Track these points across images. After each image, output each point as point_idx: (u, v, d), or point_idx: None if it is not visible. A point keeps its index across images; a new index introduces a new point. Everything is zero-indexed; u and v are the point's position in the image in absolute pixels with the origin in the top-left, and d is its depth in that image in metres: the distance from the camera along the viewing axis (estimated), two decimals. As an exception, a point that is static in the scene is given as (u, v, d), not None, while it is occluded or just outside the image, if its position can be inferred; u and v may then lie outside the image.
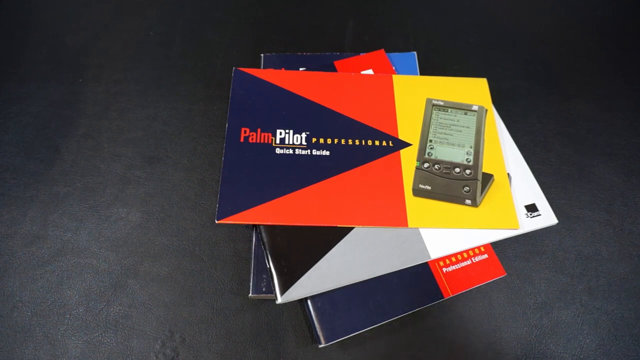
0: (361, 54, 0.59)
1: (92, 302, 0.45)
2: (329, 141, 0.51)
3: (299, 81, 0.55)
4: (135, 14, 0.65)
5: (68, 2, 0.65)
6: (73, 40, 0.62)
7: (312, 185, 0.48)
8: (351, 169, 0.49)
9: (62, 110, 0.56)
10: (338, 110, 0.53)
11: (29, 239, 0.48)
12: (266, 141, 0.50)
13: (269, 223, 0.45)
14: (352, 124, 0.52)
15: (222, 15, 0.65)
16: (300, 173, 0.48)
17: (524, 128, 0.55)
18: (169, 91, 0.58)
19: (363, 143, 0.51)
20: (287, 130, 0.51)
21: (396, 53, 0.60)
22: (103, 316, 0.44)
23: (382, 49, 0.59)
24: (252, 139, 0.50)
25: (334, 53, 0.59)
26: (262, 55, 0.59)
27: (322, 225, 0.46)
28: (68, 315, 0.44)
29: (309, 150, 0.50)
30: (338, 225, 0.46)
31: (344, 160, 0.50)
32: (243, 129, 0.51)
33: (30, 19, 0.63)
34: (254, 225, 0.47)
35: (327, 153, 0.50)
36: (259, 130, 0.51)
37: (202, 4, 0.66)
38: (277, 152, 0.49)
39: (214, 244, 0.48)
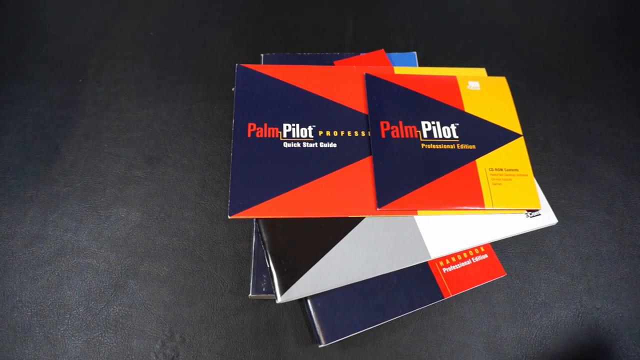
0: (361, 54, 0.59)
1: (92, 302, 0.45)
2: (335, 133, 0.51)
3: (302, 75, 0.55)
4: (135, 14, 0.65)
5: (68, 2, 0.65)
6: (73, 40, 0.62)
7: (321, 177, 0.48)
8: (359, 160, 0.50)
9: (62, 110, 0.56)
10: (342, 103, 0.54)
11: (29, 239, 0.48)
12: (273, 135, 0.50)
13: (282, 216, 0.46)
14: (357, 116, 0.53)
15: (222, 15, 0.65)
16: (309, 166, 0.49)
17: (524, 128, 0.55)
18: (169, 91, 0.58)
19: (369, 134, 0.51)
20: (293, 124, 0.52)
21: (396, 53, 0.60)
22: (103, 316, 0.44)
23: (382, 49, 0.59)
24: (259, 133, 0.50)
25: (334, 53, 0.60)
26: (262, 55, 0.59)
27: (335, 216, 0.46)
28: (68, 315, 0.44)
29: (316, 143, 0.50)
30: (351, 216, 0.46)
31: (351, 152, 0.50)
32: (250, 124, 0.51)
33: (30, 19, 0.63)
34: (255, 225, 0.47)
35: (334, 145, 0.50)
36: (265, 125, 0.51)
37: (202, 4, 0.66)
38: (284, 146, 0.50)
39: (214, 244, 0.48)
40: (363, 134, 0.51)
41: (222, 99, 0.57)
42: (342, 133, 0.51)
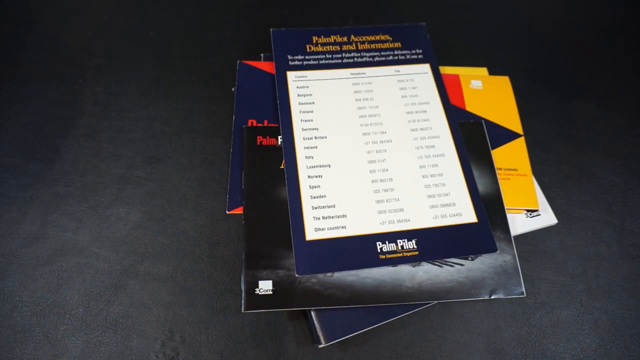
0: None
1: (92, 302, 0.45)
2: None
3: None
4: (135, 14, 0.65)
5: (68, 2, 0.65)
6: (73, 40, 0.62)
7: None
8: None
9: (62, 110, 0.56)
10: None
11: (29, 239, 0.48)
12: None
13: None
14: None
15: (222, 15, 0.65)
16: None
17: (524, 128, 0.55)
18: (169, 91, 0.58)
19: None
20: None
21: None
22: (103, 316, 0.44)
23: (382, 49, 0.59)
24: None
25: (334, 53, 0.59)
26: (262, 54, 0.59)
27: None
28: (68, 315, 0.44)
29: None
30: None
31: None
32: (250, 121, 0.51)
33: (30, 19, 0.63)
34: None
35: None
36: (265, 122, 0.52)
37: (202, 4, 0.66)
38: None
39: (214, 244, 0.48)
40: None
41: (222, 99, 0.57)
42: None
